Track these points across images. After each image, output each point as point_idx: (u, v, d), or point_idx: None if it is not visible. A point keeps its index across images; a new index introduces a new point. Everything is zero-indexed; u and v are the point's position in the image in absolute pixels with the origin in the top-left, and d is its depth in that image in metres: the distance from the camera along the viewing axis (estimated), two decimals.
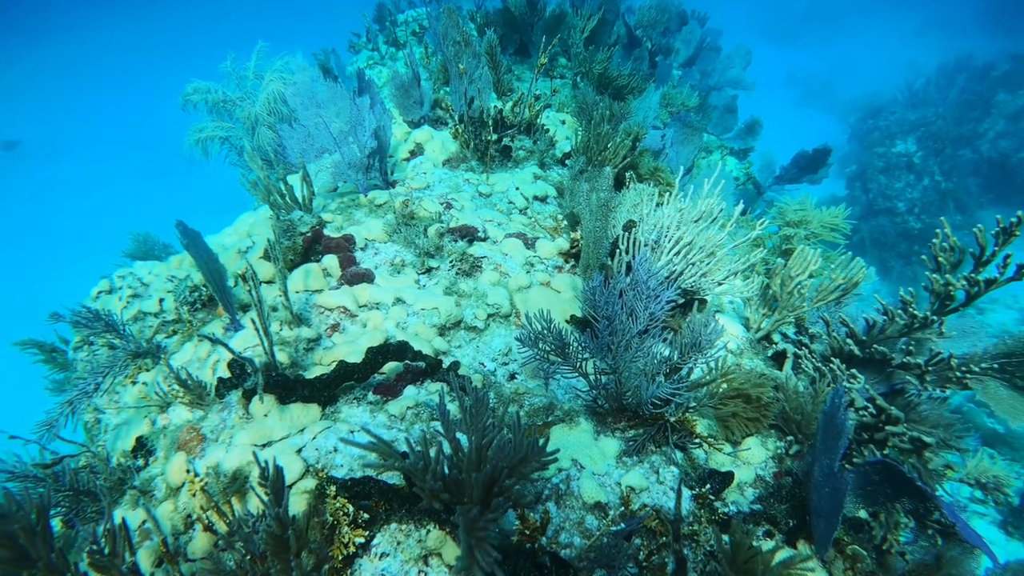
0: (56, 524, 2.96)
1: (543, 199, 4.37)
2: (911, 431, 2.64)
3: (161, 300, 3.79)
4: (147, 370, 3.44)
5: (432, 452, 1.93)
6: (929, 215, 16.80)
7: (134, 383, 3.43)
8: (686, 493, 2.52)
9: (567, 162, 4.93)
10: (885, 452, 3.02)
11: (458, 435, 2.01)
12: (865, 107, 21.91)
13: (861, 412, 3.00)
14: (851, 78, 27.36)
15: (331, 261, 3.37)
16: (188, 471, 2.29)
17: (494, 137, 4.38)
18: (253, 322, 2.34)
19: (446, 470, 1.94)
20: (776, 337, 3.66)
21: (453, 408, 2.60)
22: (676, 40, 11.18)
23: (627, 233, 3.19)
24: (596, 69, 6.57)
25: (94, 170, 24.48)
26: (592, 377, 2.74)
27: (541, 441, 1.92)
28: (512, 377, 3.00)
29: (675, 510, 2.16)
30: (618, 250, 3.14)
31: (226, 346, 2.32)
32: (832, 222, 5.27)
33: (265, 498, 1.71)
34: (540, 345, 2.67)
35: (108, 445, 3.17)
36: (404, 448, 2.39)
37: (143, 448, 2.96)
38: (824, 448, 2.44)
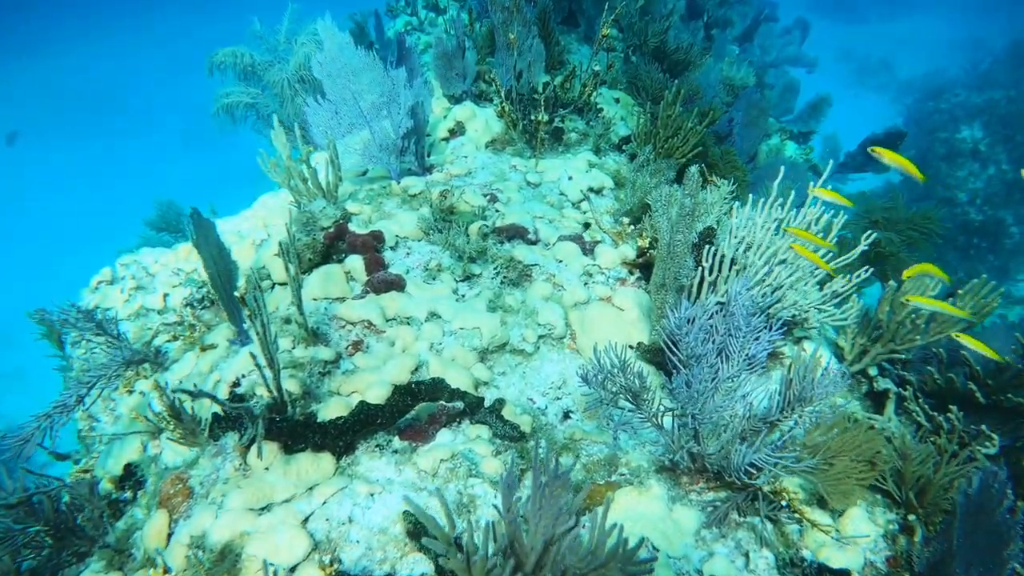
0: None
1: (599, 191, 3.81)
2: None
3: (165, 295, 3.36)
4: (146, 376, 3.03)
5: (491, 546, 1.44)
6: (992, 207, 15.71)
7: (130, 392, 3.02)
8: None
9: (625, 147, 4.35)
10: None
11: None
12: (925, 88, 20.43)
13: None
14: (910, 56, 25.67)
15: (355, 263, 2.88)
16: (167, 541, 1.84)
17: (545, 118, 3.82)
18: (253, 357, 1.86)
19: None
20: (873, 371, 3.09)
21: (491, 465, 2.11)
22: (732, 12, 10.30)
23: (709, 246, 2.64)
24: (652, 42, 5.89)
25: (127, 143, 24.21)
26: (671, 431, 2.22)
27: (633, 542, 1.42)
28: (566, 416, 2.49)
29: None
30: (700, 267, 2.59)
31: (214, 399, 1.85)
32: (923, 224, 4.62)
33: None
34: (608, 387, 2.16)
35: (99, 462, 2.77)
36: (436, 516, 1.92)
37: (132, 477, 2.55)
38: (972, 547, 1.90)
